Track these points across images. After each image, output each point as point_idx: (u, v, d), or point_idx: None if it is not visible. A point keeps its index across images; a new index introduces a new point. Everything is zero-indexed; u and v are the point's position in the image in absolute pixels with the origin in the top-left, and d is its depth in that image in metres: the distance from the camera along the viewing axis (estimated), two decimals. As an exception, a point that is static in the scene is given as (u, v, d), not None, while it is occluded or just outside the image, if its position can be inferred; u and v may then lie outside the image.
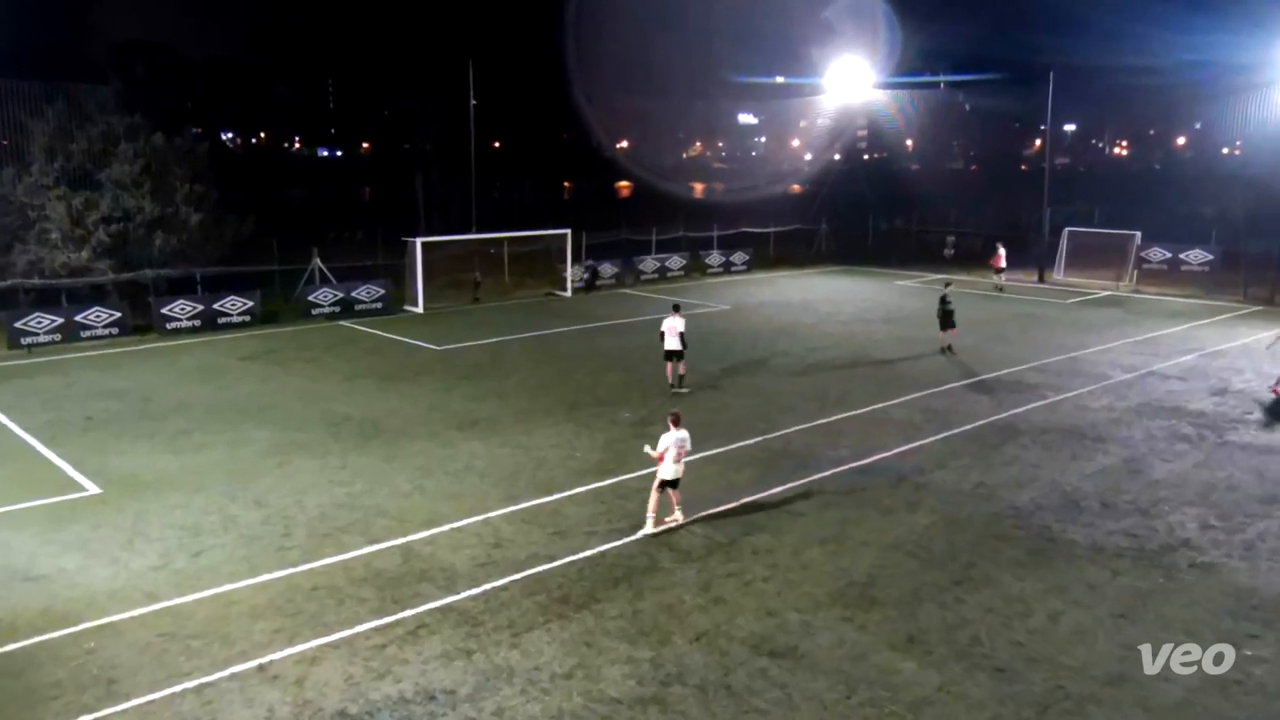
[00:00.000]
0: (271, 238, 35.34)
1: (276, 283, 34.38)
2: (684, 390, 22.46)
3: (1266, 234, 40.11)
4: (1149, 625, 11.79)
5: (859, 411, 21.14)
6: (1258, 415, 20.85)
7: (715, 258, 45.21)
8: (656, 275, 42.43)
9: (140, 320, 29.96)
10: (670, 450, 14.37)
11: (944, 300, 27.15)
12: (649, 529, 14.40)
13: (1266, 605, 12.32)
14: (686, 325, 22.67)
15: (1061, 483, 16.78)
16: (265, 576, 13.03)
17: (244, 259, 34.76)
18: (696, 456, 17.84)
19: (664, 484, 14.50)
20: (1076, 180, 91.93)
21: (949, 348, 26.97)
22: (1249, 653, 11.11)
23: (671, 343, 22.36)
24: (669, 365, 22.68)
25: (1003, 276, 40.31)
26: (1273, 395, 21.82)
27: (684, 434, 14.65)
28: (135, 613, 12.00)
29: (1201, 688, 10.46)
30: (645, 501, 15.71)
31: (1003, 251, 40.24)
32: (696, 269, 44.17)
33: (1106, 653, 11.18)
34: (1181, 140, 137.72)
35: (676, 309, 22.87)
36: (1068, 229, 44.28)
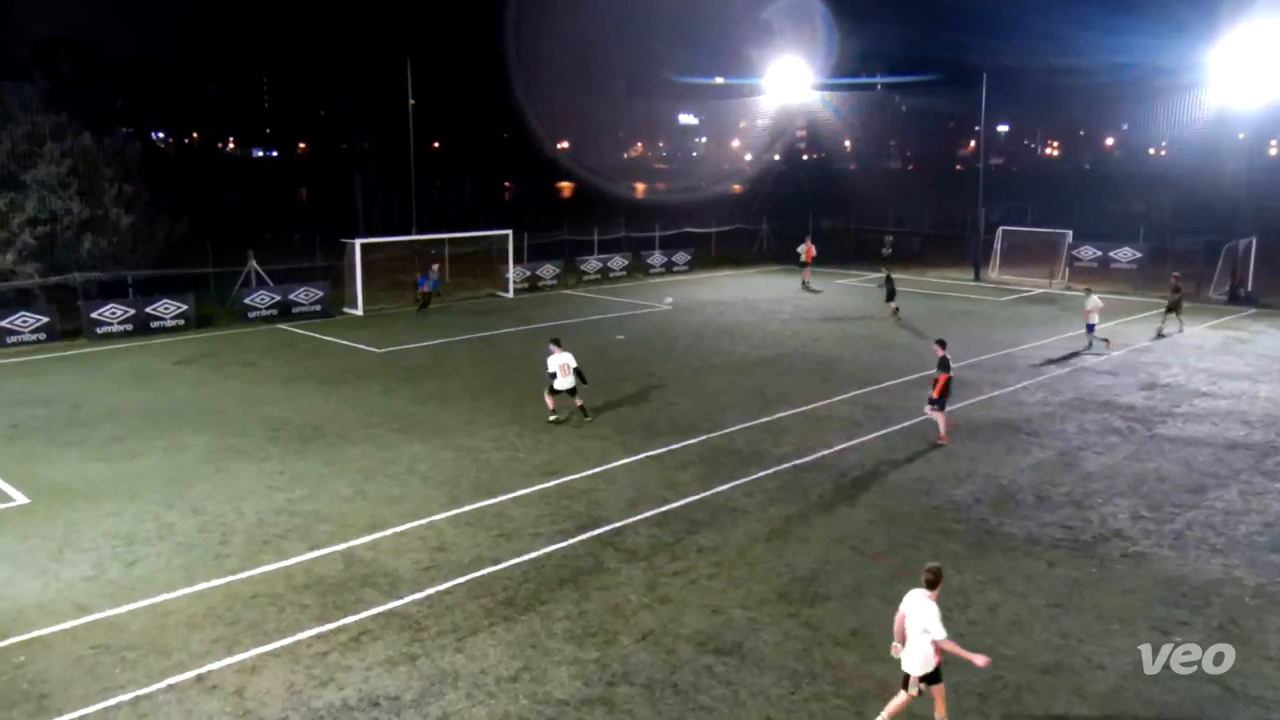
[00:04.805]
0: (206, 240, 34.61)
1: (211, 286, 33.70)
2: (579, 422, 20.01)
3: (1191, 232, 41.35)
4: (1084, 615, 12.08)
5: (801, 409, 21.34)
6: (1184, 408, 21.46)
7: (657, 258, 45.29)
8: (599, 276, 42.41)
9: (69, 325, 29.14)
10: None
11: (889, 279, 33.56)
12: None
13: (1194, 593, 12.68)
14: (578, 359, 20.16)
15: (998, 476, 17.11)
16: (203, 585, 12.77)
17: (177, 262, 33.99)
18: (642, 456, 17.95)
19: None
20: (1010, 180, 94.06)
21: (896, 311, 32.83)
22: (1178, 639, 11.42)
23: (564, 383, 19.89)
24: (552, 398, 20.04)
25: (807, 272, 41.51)
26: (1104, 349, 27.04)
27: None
28: (67, 625, 11.68)
29: (1134, 674, 10.74)
30: (594, 501, 15.76)
31: (811, 247, 41.77)
32: (638, 269, 44.22)
33: (1043, 642, 11.43)
34: (1110, 141, 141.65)
35: (558, 343, 20.19)
36: (1002, 228, 45.16)
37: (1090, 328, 27.60)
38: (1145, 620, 11.92)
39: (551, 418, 20.06)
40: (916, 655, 9.28)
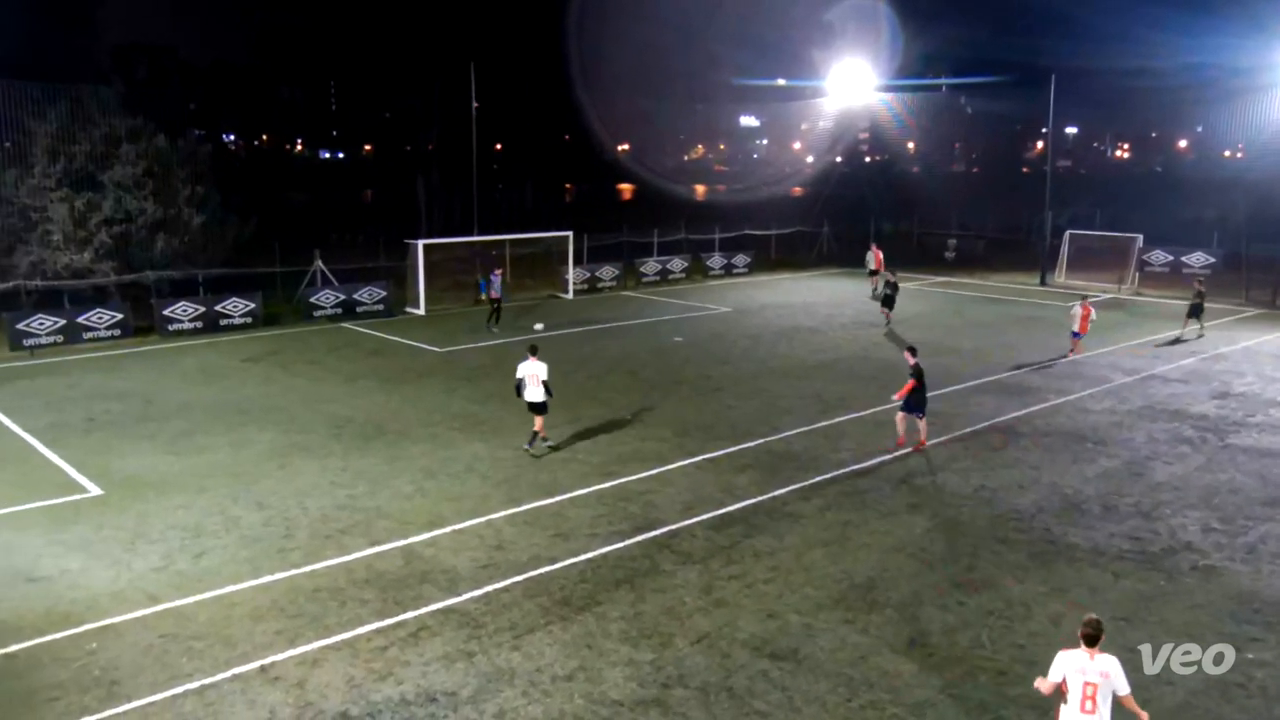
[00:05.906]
0: (273, 240, 35.34)
1: (278, 285, 34.38)
2: (539, 453, 18.25)
3: (1268, 237, 40.12)
4: (1151, 628, 11.79)
5: (860, 414, 21.14)
6: (1259, 418, 20.83)
7: (717, 260, 45.20)
8: (658, 278, 42.45)
9: (142, 322, 29.97)
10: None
11: (892, 285, 32.57)
12: None
13: (1268, 608, 12.31)
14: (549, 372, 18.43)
15: (1062, 485, 16.77)
16: (267, 578, 13.04)
17: (246, 261, 34.78)
18: (698, 459, 17.91)
19: None
20: (1078, 183, 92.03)
21: (888, 320, 31.84)
22: (1250, 656, 11.10)
23: (533, 393, 18.17)
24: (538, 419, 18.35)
25: (877, 280, 38.53)
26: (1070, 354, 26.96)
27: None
28: (137, 614, 12.01)
29: (1203, 690, 10.46)
30: (650, 503, 15.77)
31: (879, 253, 40.17)
32: (698, 271, 44.18)
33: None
34: (1183, 143, 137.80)
35: (534, 351, 18.68)
36: (1069, 232, 44.24)
37: (1076, 335, 27.16)
38: (1215, 635, 11.59)
39: (526, 445, 18.35)
40: None
